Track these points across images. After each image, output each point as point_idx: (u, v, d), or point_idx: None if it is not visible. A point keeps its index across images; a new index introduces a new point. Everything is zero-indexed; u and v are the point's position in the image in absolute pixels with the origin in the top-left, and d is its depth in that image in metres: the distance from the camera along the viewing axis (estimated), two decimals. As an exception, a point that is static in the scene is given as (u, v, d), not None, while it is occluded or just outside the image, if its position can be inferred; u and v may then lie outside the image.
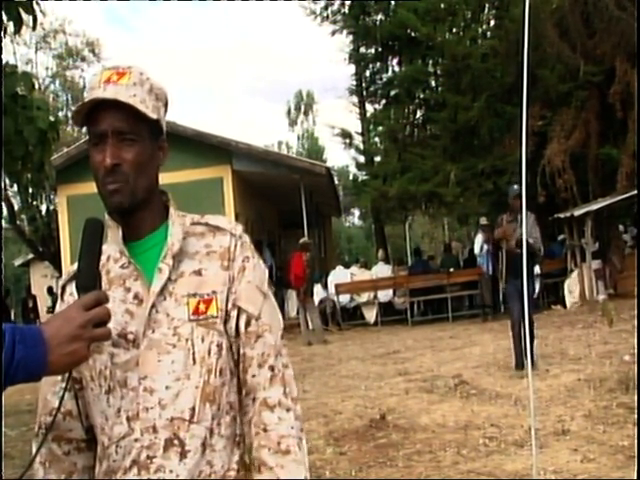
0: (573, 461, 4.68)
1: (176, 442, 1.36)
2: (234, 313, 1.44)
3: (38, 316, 19.33)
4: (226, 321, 1.44)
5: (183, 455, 1.36)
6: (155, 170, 1.47)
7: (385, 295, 15.66)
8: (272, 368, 1.44)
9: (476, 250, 14.78)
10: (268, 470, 1.38)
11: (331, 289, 15.27)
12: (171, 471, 1.36)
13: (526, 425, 5.40)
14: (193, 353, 1.39)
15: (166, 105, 1.50)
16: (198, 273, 1.43)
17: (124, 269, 1.43)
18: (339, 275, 15.94)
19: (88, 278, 1.29)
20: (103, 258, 1.42)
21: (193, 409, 1.38)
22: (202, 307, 1.41)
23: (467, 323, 13.96)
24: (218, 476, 1.40)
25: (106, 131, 1.38)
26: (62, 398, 1.38)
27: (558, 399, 6.40)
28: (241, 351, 1.45)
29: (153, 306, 1.39)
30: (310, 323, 13.15)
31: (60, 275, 17.22)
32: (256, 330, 1.45)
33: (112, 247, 1.45)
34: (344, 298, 15.60)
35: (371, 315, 15.52)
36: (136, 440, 1.37)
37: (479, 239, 14.63)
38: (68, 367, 1.25)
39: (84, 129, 1.47)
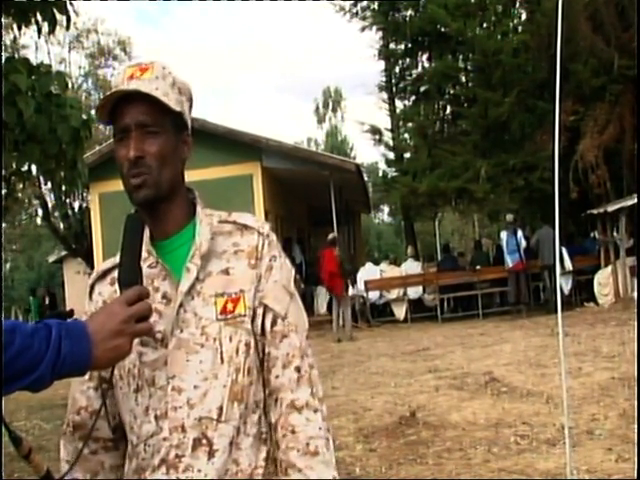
0: (607, 460, 4.61)
1: (204, 442, 1.37)
2: (260, 311, 1.44)
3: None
4: (252, 319, 1.43)
5: (211, 454, 1.37)
6: (179, 164, 1.47)
7: (415, 292, 15.60)
8: (298, 369, 1.44)
9: (504, 247, 14.60)
10: (297, 472, 1.38)
11: (360, 286, 15.26)
12: (199, 470, 1.36)
13: (558, 423, 5.34)
14: (221, 352, 1.39)
15: (190, 100, 1.50)
16: (226, 272, 1.43)
17: (152, 268, 1.43)
18: (369, 272, 15.90)
19: (130, 274, 1.31)
20: None
21: (221, 408, 1.38)
22: (230, 306, 1.41)
23: (497, 320, 13.84)
24: (245, 474, 1.40)
25: (129, 125, 1.39)
26: (105, 397, 1.39)
27: (591, 397, 6.32)
28: (266, 350, 1.44)
29: (181, 306, 1.40)
30: (341, 319, 13.12)
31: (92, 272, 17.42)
32: (282, 330, 1.44)
33: None
34: (373, 295, 15.58)
35: (401, 312, 15.48)
36: (165, 439, 1.37)
37: (505, 235, 14.49)
38: (112, 362, 1.27)
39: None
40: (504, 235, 14.61)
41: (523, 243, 14.20)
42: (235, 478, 1.39)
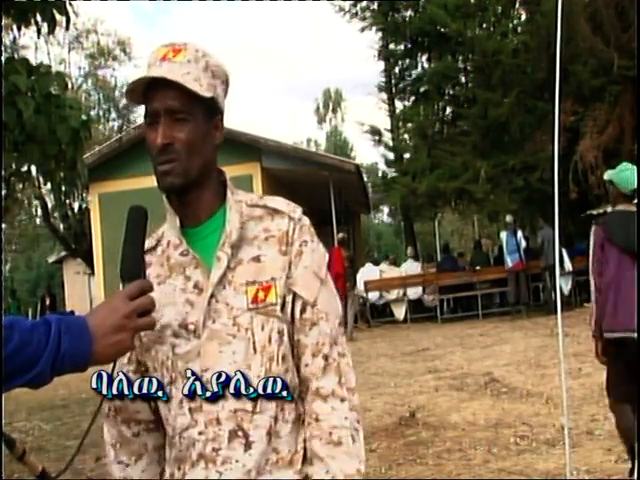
0: (607, 461, 4.61)
1: (240, 433, 1.35)
2: (289, 298, 1.41)
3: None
4: (283, 307, 1.41)
5: (248, 446, 1.35)
6: (210, 150, 1.45)
7: (414, 292, 15.59)
8: (326, 357, 1.41)
9: (504, 247, 14.59)
10: (319, 461, 1.37)
11: (360, 286, 15.25)
12: (237, 461, 1.35)
13: (558, 424, 5.34)
14: (254, 342, 1.37)
15: (225, 83, 1.48)
16: (257, 260, 1.41)
17: (184, 256, 1.42)
18: (368, 272, 15.90)
19: (132, 267, 1.29)
20: (164, 243, 1.44)
21: (255, 399, 1.36)
22: (261, 295, 1.39)
23: (497, 320, 13.84)
24: (285, 461, 1.39)
25: (158, 110, 1.38)
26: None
27: (591, 398, 6.32)
28: (295, 337, 1.42)
29: (212, 295, 1.38)
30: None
31: (92, 272, 17.45)
32: (311, 317, 1.42)
33: (171, 232, 1.45)
34: (373, 295, 15.57)
35: (400, 312, 15.48)
36: (200, 433, 1.36)
37: (504, 236, 14.48)
38: (113, 357, 1.26)
39: (115, 127, 1.48)
40: (504, 235, 14.60)
41: (523, 243, 14.20)
42: (274, 466, 1.37)
